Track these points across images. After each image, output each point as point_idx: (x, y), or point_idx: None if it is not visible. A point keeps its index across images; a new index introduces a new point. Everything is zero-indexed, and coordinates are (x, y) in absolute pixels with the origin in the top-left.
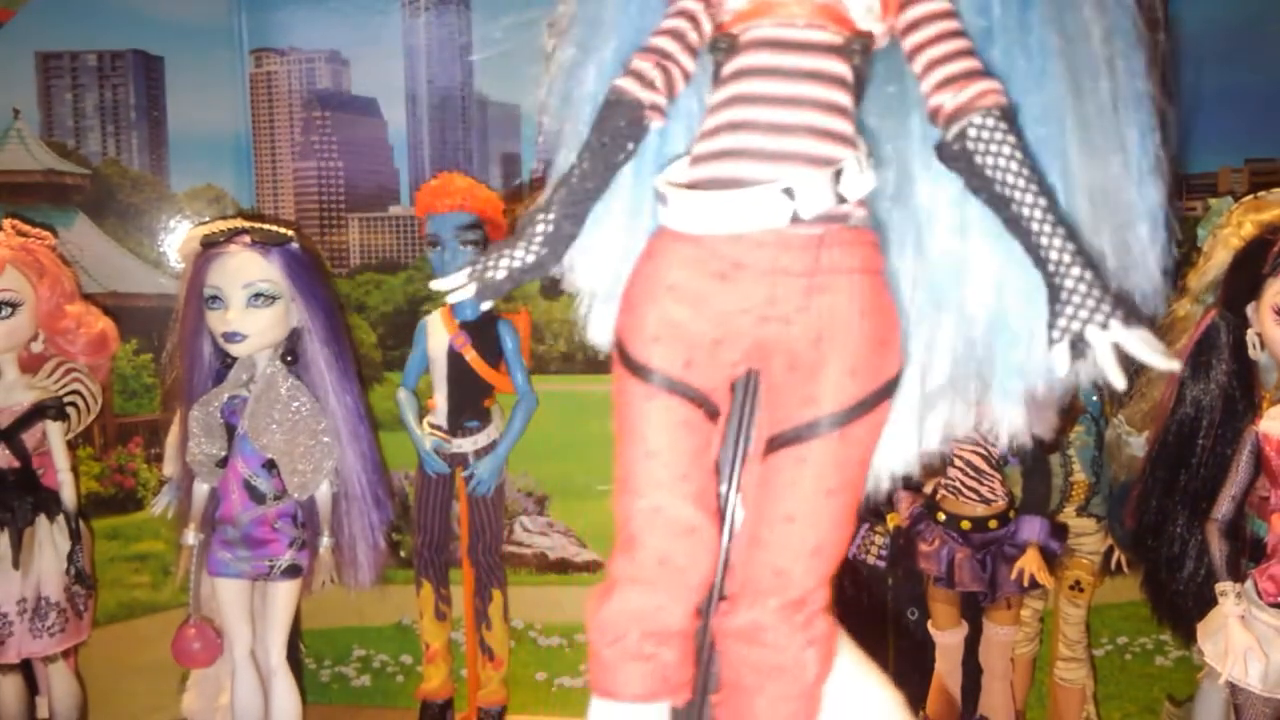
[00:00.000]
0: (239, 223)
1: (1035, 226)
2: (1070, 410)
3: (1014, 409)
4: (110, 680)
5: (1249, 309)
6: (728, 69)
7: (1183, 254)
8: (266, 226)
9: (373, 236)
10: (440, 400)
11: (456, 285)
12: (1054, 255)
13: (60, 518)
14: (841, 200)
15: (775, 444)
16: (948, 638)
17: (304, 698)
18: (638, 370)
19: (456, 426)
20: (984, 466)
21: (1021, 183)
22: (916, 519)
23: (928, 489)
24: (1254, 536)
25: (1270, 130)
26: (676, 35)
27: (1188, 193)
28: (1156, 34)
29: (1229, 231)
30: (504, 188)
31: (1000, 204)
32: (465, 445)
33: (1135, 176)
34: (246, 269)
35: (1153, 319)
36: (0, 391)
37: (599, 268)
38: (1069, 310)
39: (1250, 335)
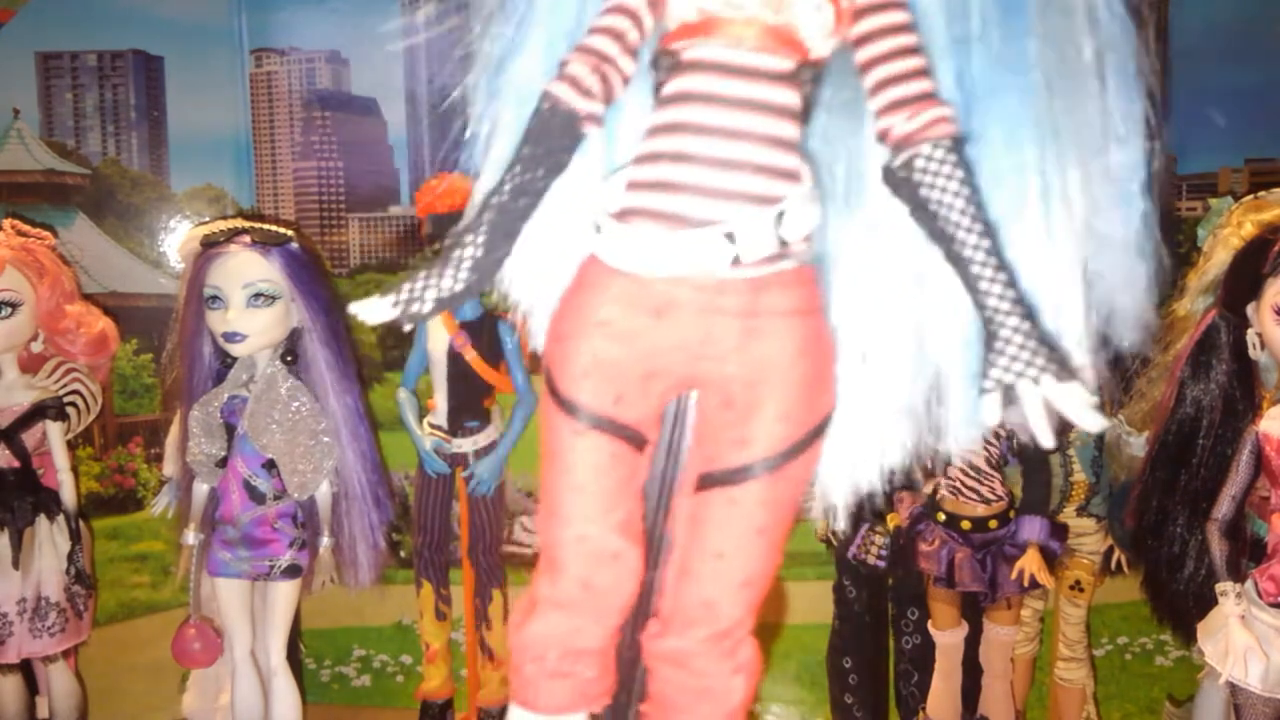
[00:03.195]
0: (239, 223)
1: (975, 270)
2: None
3: (968, 433)
4: (110, 680)
5: (1249, 309)
6: (669, 89)
7: (1183, 254)
8: (266, 226)
9: (373, 236)
10: (440, 400)
11: (378, 313)
12: (992, 302)
13: (60, 518)
14: (783, 243)
15: (706, 482)
16: (948, 638)
17: (304, 698)
18: (566, 406)
19: (456, 426)
20: (984, 466)
21: (966, 221)
22: (916, 519)
23: (928, 489)
24: (1254, 536)
25: (1270, 130)
26: (616, 35)
27: (1188, 193)
28: (1151, 41)
29: (1229, 231)
30: None
31: (942, 239)
32: (465, 445)
33: (1123, 205)
34: (246, 269)
35: (1144, 358)
36: (0, 391)
37: (537, 280)
38: (1003, 361)
39: (1250, 335)
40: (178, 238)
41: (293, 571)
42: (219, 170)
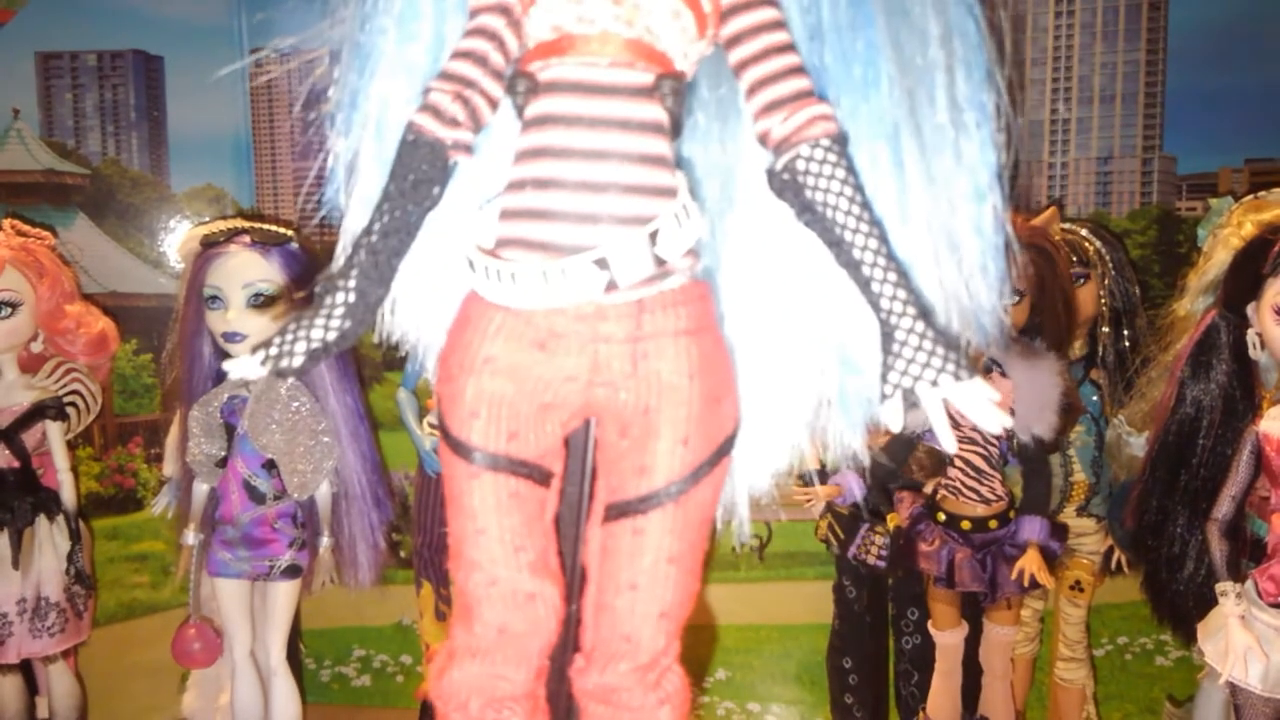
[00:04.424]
0: (239, 223)
1: (867, 271)
2: (1070, 410)
3: (853, 437)
4: (110, 680)
5: (1249, 309)
6: (530, 113)
7: (1183, 254)
8: (266, 226)
9: None
10: None
11: (248, 370)
12: (885, 304)
13: (60, 518)
14: (661, 262)
15: (612, 513)
16: (948, 638)
17: (304, 698)
18: (458, 448)
19: None
20: (984, 466)
21: (852, 221)
22: (916, 519)
23: (928, 489)
24: (1254, 536)
25: (1270, 130)
26: (478, 58)
27: (1188, 193)
28: (1006, 30)
29: (1229, 231)
30: None
31: (832, 243)
32: None
33: (974, 197)
34: (246, 269)
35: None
36: (0, 391)
37: (426, 317)
38: (900, 365)
39: (1250, 335)
40: (178, 238)
41: (292, 571)
42: (219, 170)
